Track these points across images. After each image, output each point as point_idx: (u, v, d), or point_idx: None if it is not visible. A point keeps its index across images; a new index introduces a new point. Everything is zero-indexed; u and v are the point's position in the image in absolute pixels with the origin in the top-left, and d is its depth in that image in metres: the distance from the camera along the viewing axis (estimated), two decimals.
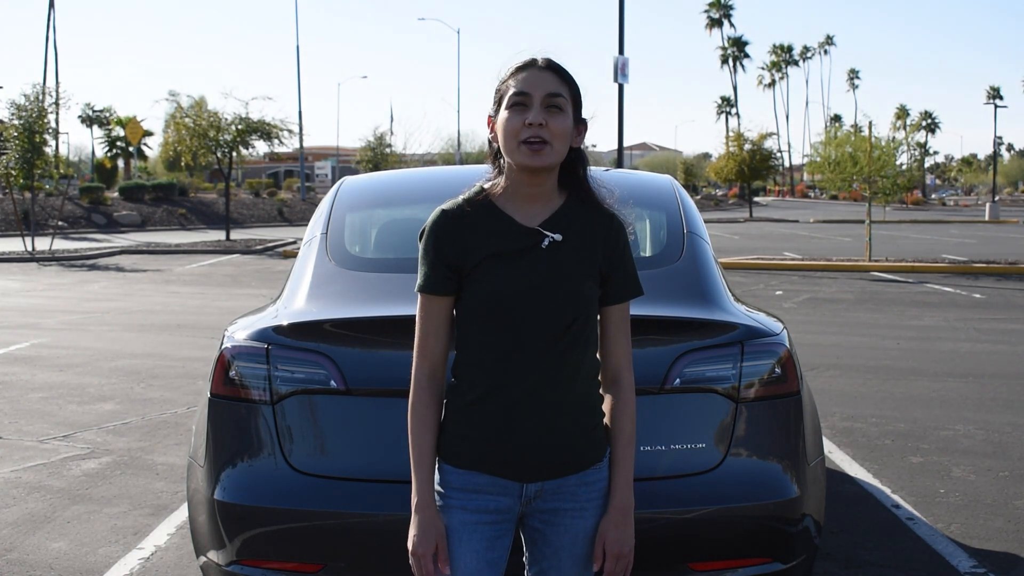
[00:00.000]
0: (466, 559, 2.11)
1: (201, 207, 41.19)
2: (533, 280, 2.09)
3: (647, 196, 3.82)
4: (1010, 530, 4.61)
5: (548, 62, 2.11)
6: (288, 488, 2.86)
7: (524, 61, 2.11)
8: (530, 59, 2.12)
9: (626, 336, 2.21)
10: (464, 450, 2.13)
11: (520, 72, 2.10)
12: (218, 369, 3.03)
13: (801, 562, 2.98)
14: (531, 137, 2.05)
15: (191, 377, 8.29)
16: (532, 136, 2.05)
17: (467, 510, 2.12)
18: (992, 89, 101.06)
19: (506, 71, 2.13)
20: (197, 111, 28.75)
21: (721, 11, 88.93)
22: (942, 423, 6.67)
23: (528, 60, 2.11)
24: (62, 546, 4.47)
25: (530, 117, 2.05)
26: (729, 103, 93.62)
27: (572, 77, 2.13)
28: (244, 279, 17.45)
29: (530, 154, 2.06)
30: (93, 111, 70.07)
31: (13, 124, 23.99)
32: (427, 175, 4.59)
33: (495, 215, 2.14)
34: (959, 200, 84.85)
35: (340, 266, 3.35)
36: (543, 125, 2.05)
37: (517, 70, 2.11)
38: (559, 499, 2.15)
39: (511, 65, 2.13)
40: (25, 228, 26.82)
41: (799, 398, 3.05)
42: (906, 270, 18.50)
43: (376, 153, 42.18)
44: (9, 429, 6.62)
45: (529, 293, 2.08)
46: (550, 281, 2.10)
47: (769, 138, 47.77)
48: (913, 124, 30.80)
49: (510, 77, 2.11)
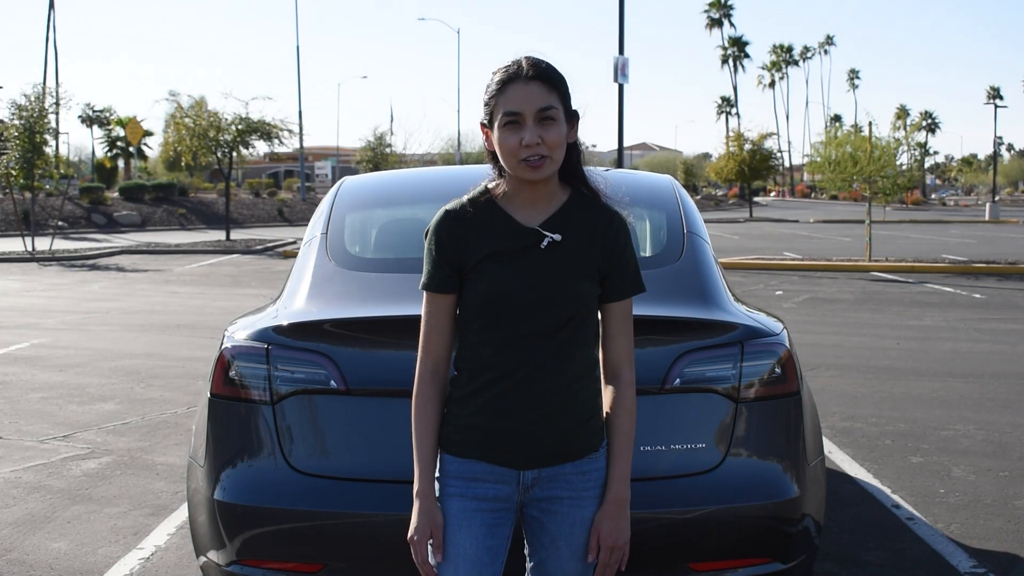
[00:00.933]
0: (465, 545, 2.14)
1: (201, 207, 41.20)
2: (531, 279, 2.13)
3: (647, 196, 3.82)
4: (1010, 530, 4.61)
5: (533, 69, 2.09)
6: (288, 488, 2.87)
7: (509, 72, 2.10)
8: (515, 68, 2.10)
9: (627, 333, 2.23)
10: (462, 438, 2.18)
11: (506, 85, 2.09)
12: (218, 369, 3.03)
13: (801, 562, 2.98)
14: (530, 156, 2.08)
15: (191, 377, 8.29)
16: (531, 155, 2.08)
17: (466, 497, 2.16)
18: (992, 89, 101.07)
19: (492, 82, 2.12)
20: (197, 111, 28.76)
21: (721, 11, 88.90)
22: (942, 423, 6.67)
23: (513, 70, 2.10)
24: (62, 546, 4.47)
25: (526, 138, 2.06)
26: (729, 103, 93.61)
27: (559, 76, 2.13)
28: (244, 279, 17.46)
29: (531, 171, 2.09)
30: (93, 111, 70.06)
31: (13, 124, 24.01)
32: (427, 175, 4.59)
33: (497, 215, 2.18)
34: (959, 200, 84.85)
35: (340, 266, 3.35)
36: (540, 143, 2.07)
37: (503, 83, 2.09)
38: (556, 487, 2.19)
39: (495, 73, 2.12)
40: (25, 228, 26.83)
41: (799, 398, 3.06)
42: (906, 270, 18.51)
43: (376, 153, 42.18)
44: (9, 429, 6.62)
45: (527, 292, 2.12)
46: (548, 280, 2.13)
47: (769, 138, 47.82)
48: (913, 124, 30.77)
49: (497, 91, 2.10)
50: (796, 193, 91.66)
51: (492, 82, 2.12)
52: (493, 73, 2.13)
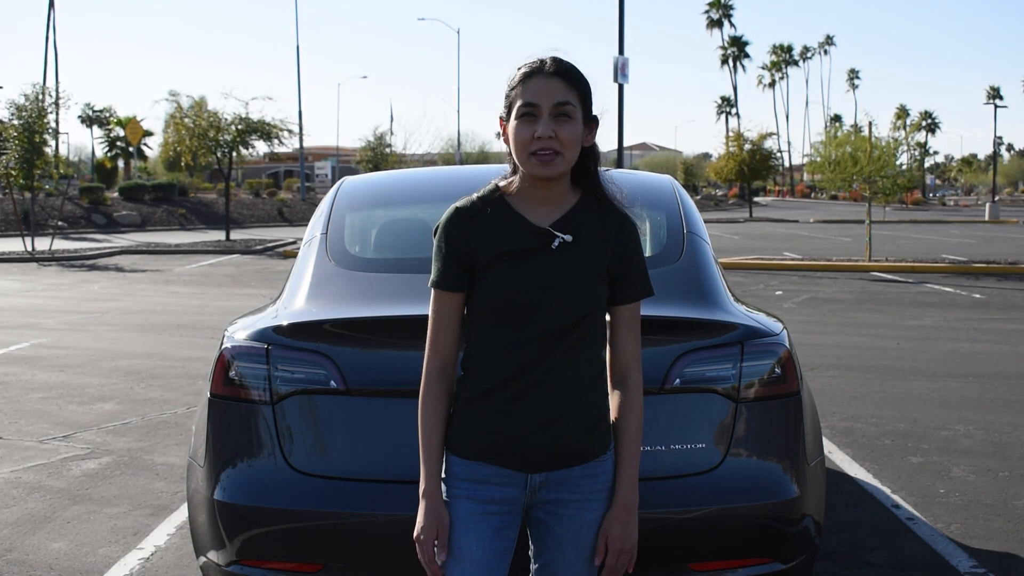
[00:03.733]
0: (473, 548, 2.13)
1: (201, 207, 41.19)
2: (542, 280, 2.12)
3: (647, 196, 3.82)
4: (1010, 530, 4.61)
5: (556, 66, 2.10)
6: (288, 488, 2.87)
7: (532, 65, 2.11)
8: (538, 63, 2.11)
9: (635, 336, 2.23)
10: (470, 441, 2.17)
11: (529, 78, 2.10)
12: (218, 369, 3.03)
13: (801, 562, 2.98)
14: (541, 149, 2.07)
15: (191, 377, 8.29)
16: (542, 148, 2.07)
17: (473, 500, 2.16)
18: (992, 89, 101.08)
19: (516, 74, 2.13)
20: (197, 111, 28.73)
21: (721, 11, 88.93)
22: (942, 423, 6.67)
23: (536, 65, 2.11)
24: (62, 546, 4.47)
25: (539, 130, 2.06)
26: (729, 103, 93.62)
27: (581, 77, 2.13)
28: (244, 279, 17.46)
29: (541, 165, 2.09)
30: (93, 111, 70.09)
31: (13, 124, 23.99)
32: (427, 175, 4.58)
33: (508, 214, 2.17)
34: (959, 200, 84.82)
35: (340, 266, 3.35)
36: (553, 137, 2.06)
37: (525, 76, 2.11)
38: (563, 490, 2.18)
39: (520, 67, 2.13)
40: (25, 228, 26.82)
41: (799, 398, 3.06)
42: (906, 270, 18.50)
43: (376, 153, 42.18)
44: (9, 429, 6.62)
45: (538, 292, 2.11)
46: (559, 281, 2.12)
47: (769, 138, 47.76)
48: (913, 124, 30.75)
49: (519, 83, 2.11)
50: (796, 193, 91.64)
51: (515, 75, 2.13)
52: (518, 68, 2.14)
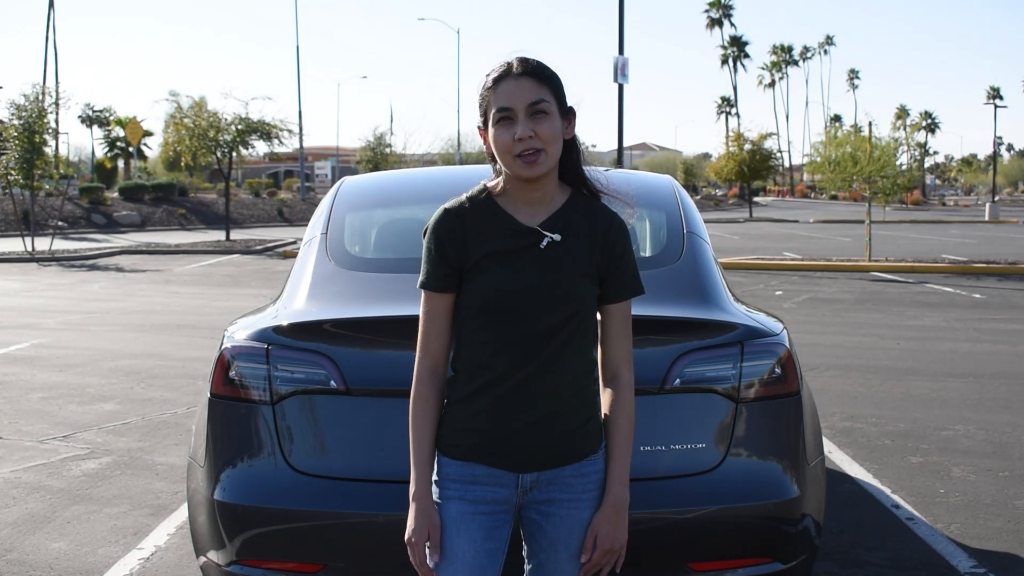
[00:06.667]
0: (464, 548, 2.13)
1: (201, 207, 41.19)
2: (530, 279, 2.12)
3: (647, 196, 3.82)
4: (1010, 530, 4.61)
5: (523, 66, 2.11)
6: (288, 488, 2.87)
7: (500, 70, 2.12)
8: (505, 66, 2.12)
9: (626, 334, 2.23)
10: (461, 441, 2.17)
11: (499, 83, 2.11)
12: (218, 369, 3.03)
13: (801, 562, 2.98)
14: (524, 151, 2.08)
15: (191, 377, 8.29)
16: (525, 149, 2.08)
17: (465, 500, 2.16)
18: (992, 89, 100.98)
19: (485, 81, 2.14)
20: (197, 111, 28.72)
21: (721, 11, 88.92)
22: (942, 423, 6.67)
23: (504, 68, 2.12)
24: (62, 546, 4.47)
25: (518, 132, 2.07)
26: (729, 103, 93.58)
27: (550, 72, 2.15)
28: (244, 279, 17.46)
29: (527, 166, 2.09)
30: (93, 111, 70.05)
31: (13, 124, 23.99)
32: (427, 175, 4.59)
33: (496, 214, 2.18)
34: (959, 200, 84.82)
35: (340, 266, 3.35)
36: (533, 136, 2.08)
37: (495, 81, 2.12)
38: (554, 490, 2.18)
39: (488, 74, 2.15)
40: (25, 228, 26.81)
41: (799, 398, 3.06)
42: (906, 270, 18.50)
43: (376, 153, 42.22)
44: (9, 429, 6.62)
45: (526, 291, 2.12)
46: (547, 280, 2.13)
47: (769, 138, 47.78)
48: (913, 124, 30.82)
49: (490, 89, 2.12)
50: (796, 193, 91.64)
51: (484, 83, 2.14)
52: (486, 75, 2.15)
